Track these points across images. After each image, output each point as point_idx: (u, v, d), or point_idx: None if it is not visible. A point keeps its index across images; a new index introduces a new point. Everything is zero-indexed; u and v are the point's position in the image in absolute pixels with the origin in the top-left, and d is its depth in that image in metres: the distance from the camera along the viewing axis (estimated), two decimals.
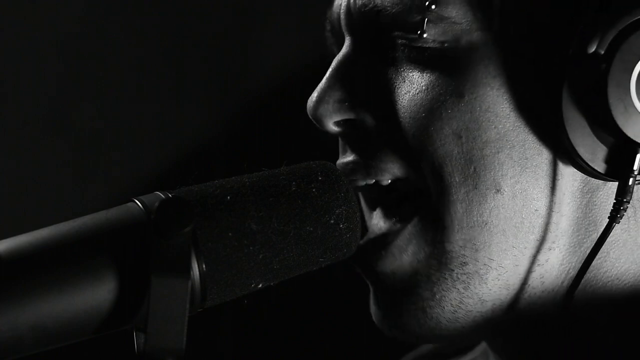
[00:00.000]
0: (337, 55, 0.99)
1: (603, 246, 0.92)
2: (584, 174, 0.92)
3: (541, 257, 0.94)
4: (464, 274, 0.93)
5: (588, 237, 0.94)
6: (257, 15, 1.94)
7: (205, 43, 1.95)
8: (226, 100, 1.97)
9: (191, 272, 0.81)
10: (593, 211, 0.94)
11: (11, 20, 1.90)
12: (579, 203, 0.94)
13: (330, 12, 1.03)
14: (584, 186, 0.93)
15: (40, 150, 1.92)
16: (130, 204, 0.84)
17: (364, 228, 0.98)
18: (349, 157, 0.98)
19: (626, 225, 0.94)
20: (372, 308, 1.00)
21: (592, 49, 0.87)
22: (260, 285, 0.87)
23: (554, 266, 0.94)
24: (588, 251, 0.93)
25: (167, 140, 1.96)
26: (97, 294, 0.79)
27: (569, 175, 0.93)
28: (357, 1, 0.96)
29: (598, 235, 0.93)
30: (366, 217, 1.01)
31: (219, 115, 1.97)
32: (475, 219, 0.92)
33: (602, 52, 0.87)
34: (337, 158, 1.03)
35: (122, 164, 1.95)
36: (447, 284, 0.94)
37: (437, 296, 0.94)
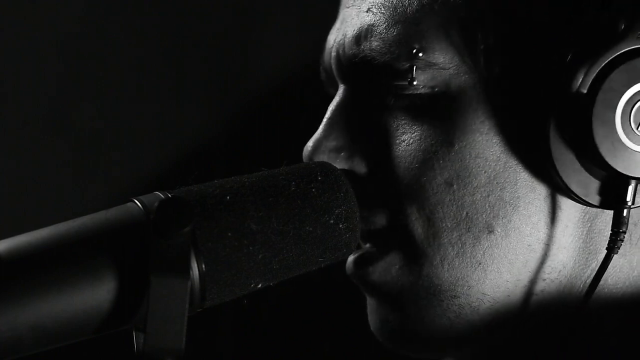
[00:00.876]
0: (332, 103, 1.00)
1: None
2: (582, 204, 0.93)
3: (536, 289, 0.95)
4: (455, 305, 0.95)
5: (588, 266, 0.95)
6: (257, 15, 1.94)
7: (205, 43, 1.95)
8: (226, 100, 1.97)
9: (191, 272, 0.81)
10: (593, 239, 0.95)
11: (11, 20, 1.90)
12: (580, 233, 0.95)
13: (322, 58, 1.04)
14: (583, 215, 0.94)
15: (40, 150, 1.92)
16: (129, 204, 0.84)
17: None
18: None
19: (622, 250, 0.95)
20: (369, 317, 1.02)
21: (575, 89, 0.89)
22: (259, 285, 0.87)
23: (553, 296, 0.95)
24: (589, 280, 0.95)
25: (167, 140, 1.96)
26: (96, 294, 0.79)
27: (568, 207, 0.94)
28: (346, 52, 0.98)
29: (598, 265, 0.94)
30: None
31: (219, 115, 1.97)
32: (468, 260, 0.94)
33: (585, 92, 0.88)
34: None
35: (122, 164, 1.95)
36: (437, 312, 0.95)
37: (426, 320, 0.96)
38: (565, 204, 0.93)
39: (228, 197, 0.85)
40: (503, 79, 0.92)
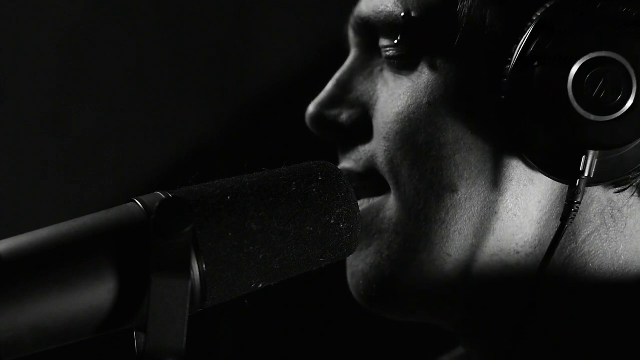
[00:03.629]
0: (342, 66, 1.06)
1: (582, 257, 0.95)
2: (558, 181, 0.94)
3: (510, 261, 0.95)
4: (418, 260, 0.97)
5: (566, 247, 0.95)
6: (257, 15, 1.94)
7: (205, 43, 1.95)
8: (226, 100, 1.97)
9: (191, 272, 0.81)
10: (572, 221, 0.95)
11: (11, 21, 1.90)
12: (559, 212, 0.95)
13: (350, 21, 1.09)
14: (563, 195, 0.95)
15: (41, 150, 1.93)
16: (130, 204, 0.84)
17: None
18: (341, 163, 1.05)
19: (606, 236, 0.95)
20: (348, 277, 1.04)
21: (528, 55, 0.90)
22: (260, 285, 0.87)
23: (530, 271, 0.96)
24: (567, 261, 0.95)
25: (168, 140, 1.96)
26: (97, 294, 0.79)
27: (543, 183, 0.95)
28: (359, 14, 1.03)
29: (577, 246, 0.95)
30: None
31: (219, 115, 1.97)
32: (431, 215, 0.96)
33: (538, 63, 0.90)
34: (337, 158, 1.04)
35: (123, 163, 1.95)
36: (401, 265, 0.97)
37: (394, 273, 0.98)
38: (539, 179, 0.94)
39: (229, 197, 0.85)
40: (474, 53, 0.95)
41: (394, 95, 0.99)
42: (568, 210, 0.91)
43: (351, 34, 1.06)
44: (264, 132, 1.93)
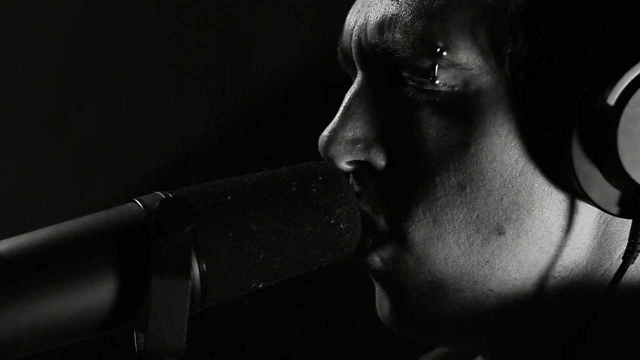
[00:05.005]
0: (349, 91, 0.98)
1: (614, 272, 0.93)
2: (599, 208, 0.92)
3: (546, 286, 0.94)
4: (460, 298, 0.94)
5: (602, 266, 0.95)
6: (257, 15, 1.94)
7: (205, 43, 1.95)
8: (226, 100, 1.97)
9: (191, 272, 0.81)
10: (608, 240, 0.94)
11: (12, 21, 1.90)
12: (595, 233, 0.94)
13: (340, 39, 1.01)
14: (600, 216, 0.94)
15: (41, 150, 1.93)
16: (130, 204, 0.84)
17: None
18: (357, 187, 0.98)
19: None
20: (376, 303, 1.00)
21: (602, 100, 0.88)
22: (260, 285, 0.87)
23: (562, 293, 0.94)
24: (601, 279, 0.94)
25: (168, 140, 1.96)
26: (97, 294, 0.79)
27: (586, 209, 0.93)
28: (368, 39, 0.95)
29: (612, 265, 0.94)
30: None
31: (219, 115, 1.97)
32: (475, 258, 0.93)
33: (612, 104, 0.88)
34: None
35: (123, 163, 1.95)
36: (442, 303, 0.94)
37: (432, 311, 0.95)
38: (583, 207, 0.92)
39: (229, 197, 0.85)
40: (528, 83, 0.90)
41: (434, 139, 0.93)
42: (632, 250, 0.90)
43: (356, 57, 0.98)
44: (264, 132, 1.93)
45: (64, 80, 1.92)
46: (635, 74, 0.88)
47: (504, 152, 0.91)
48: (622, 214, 0.90)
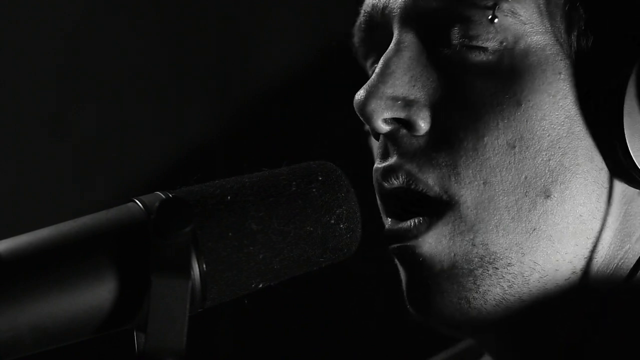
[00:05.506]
0: (388, 50, 0.95)
1: (635, 256, 0.93)
2: (632, 185, 0.92)
3: (578, 265, 0.94)
4: (509, 273, 0.93)
5: (622, 248, 0.95)
6: (257, 15, 1.94)
7: (205, 43, 1.95)
8: (226, 100, 1.97)
9: (191, 272, 0.81)
10: (629, 222, 0.95)
11: (12, 21, 1.90)
12: (619, 213, 0.94)
13: (365, 5, 0.99)
14: (623, 197, 0.94)
15: (41, 150, 1.93)
16: (130, 204, 0.84)
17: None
18: (390, 161, 0.96)
19: None
20: (408, 292, 0.97)
21: None
22: (260, 285, 0.87)
23: (593, 278, 0.94)
24: (620, 263, 0.94)
25: (168, 140, 1.96)
26: (97, 294, 0.79)
27: (616, 185, 0.93)
28: (407, 7, 0.95)
29: (631, 248, 0.94)
30: (385, 220, 1.00)
31: (219, 115, 1.97)
32: (524, 225, 0.92)
33: None
34: (338, 158, 1.02)
35: (123, 163, 1.95)
36: (492, 280, 0.93)
37: (481, 289, 0.93)
38: (619, 186, 0.93)
39: (229, 197, 0.85)
40: (580, 45, 0.90)
41: (481, 98, 0.92)
42: None
43: (397, 12, 0.95)
44: (264, 132, 1.93)
45: (64, 80, 1.92)
46: None
47: (553, 111, 0.91)
48: None
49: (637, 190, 0.93)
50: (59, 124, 1.92)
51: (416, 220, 0.95)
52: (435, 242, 0.94)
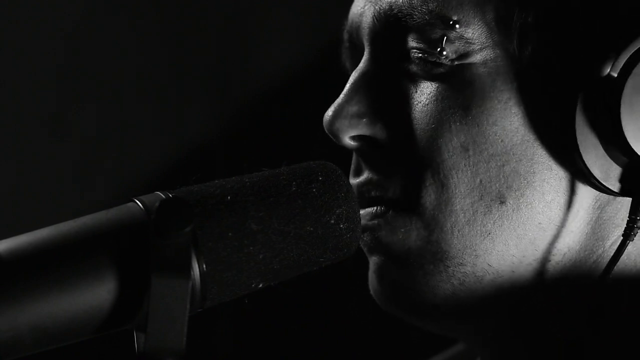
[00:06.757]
0: (356, 69, 1.00)
1: (608, 259, 0.93)
2: (597, 190, 0.93)
3: (541, 269, 0.95)
4: (461, 272, 0.95)
5: (594, 252, 0.95)
6: (257, 15, 1.94)
7: (205, 43, 1.95)
8: (226, 100, 1.97)
9: (191, 272, 0.81)
10: (602, 226, 0.95)
11: (11, 20, 1.90)
12: (589, 218, 0.95)
13: (347, 22, 1.03)
14: (595, 201, 0.94)
15: (41, 150, 1.93)
16: (130, 204, 0.84)
17: None
18: (361, 177, 1.00)
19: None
20: (370, 281, 1.01)
21: (606, 71, 0.89)
22: (260, 285, 0.87)
23: (555, 278, 0.95)
24: (594, 266, 0.95)
25: (168, 140, 1.96)
26: (97, 294, 0.79)
27: (582, 192, 0.94)
28: (383, 5, 0.98)
29: (605, 251, 0.95)
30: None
31: (219, 115, 1.97)
32: (478, 228, 0.94)
33: (616, 75, 0.88)
34: (337, 158, 1.03)
35: (123, 163, 1.95)
36: (442, 277, 0.96)
37: (430, 284, 0.96)
38: (580, 188, 0.94)
39: (229, 197, 0.85)
40: (532, 57, 0.92)
41: (434, 103, 0.95)
42: (631, 226, 0.91)
43: (366, 30, 1.00)
44: (264, 132, 1.93)
45: (64, 80, 1.92)
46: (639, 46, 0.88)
47: (505, 117, 0.93)
48: (621, 191, 0.91)
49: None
50: (59, 124, 1.92)
51: (377, 208, 0.98)
52: (390, 233, 0.97)
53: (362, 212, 0.98)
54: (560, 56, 0.91)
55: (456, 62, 0.94)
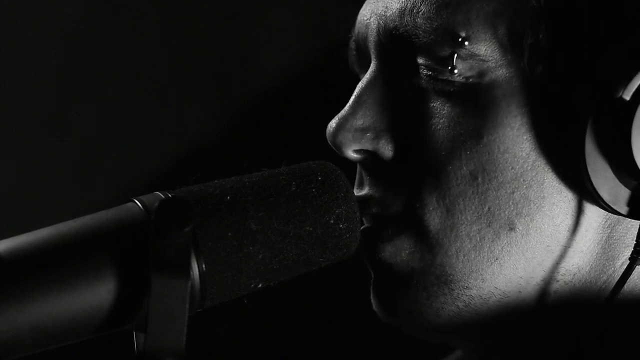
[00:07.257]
0: (361, 80, 0.98)
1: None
2: (609, 212, 0.92)
3: (549, 289, 0.94)
4: (466, 295, 0.94)
5: (605, 272, 0.95)
6: (257, 15, 1.94)
7: (205, 43, 1.95)
8: (226, 100, 1.97)
9: (191, 272, 0.81)
10: (612, 246, 0.94)
11: (11, 20, 1.90)
12: (599, 238, 0.94)
13: (353, 31, 1.01)
14: (605, 221, 0.94)
15: (41, 150, 1.93)
16: (130, 204, 0.84)
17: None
18: (363, 191, 0.98)
19: None
20: (372, 295, 1.00)
21: (618, 94, 0.88)
22: (260, 285, 0.87)
23: (565, 298, 0.95)
24: (604, 286, 0.94)
25: (168, 140, 1.96)
26: (97, 294, 0.79)
27: (592, 212, 0.93)
28: (387, 24, 0.95)
29: (615, 271, 0.94)
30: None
31: (219, 115, 1.97)
32: (485, 254, 0.93)
33: (628, 99, 0.87)
34: (337, 158, 1.03)
35: (123, 163, 1.95)
36: (446, 299, 0.94)
37: (434, 306, 0.95)
38: (589, 209, 0.93)
39: (228, 197, 0.85)
40: (544, 77, 0.91)
41: (445, 129, 0.93)
42: (639, 250, 0.90)
43: (372, 44, 0.98)
44: (264, 132, 1.93)
45: (64, 80, 1.92)
46: None
47: (516, 144, 0.92)
48: (630, 214, 0.90)
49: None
50: (59, 124, 1.92)
51: (378, 226, 0.97)
52: (394, 253, 0.96)
53: (362, 227, 0.96)
54: (571, 76, 0.90)
55: (471, 80, 0.92)
